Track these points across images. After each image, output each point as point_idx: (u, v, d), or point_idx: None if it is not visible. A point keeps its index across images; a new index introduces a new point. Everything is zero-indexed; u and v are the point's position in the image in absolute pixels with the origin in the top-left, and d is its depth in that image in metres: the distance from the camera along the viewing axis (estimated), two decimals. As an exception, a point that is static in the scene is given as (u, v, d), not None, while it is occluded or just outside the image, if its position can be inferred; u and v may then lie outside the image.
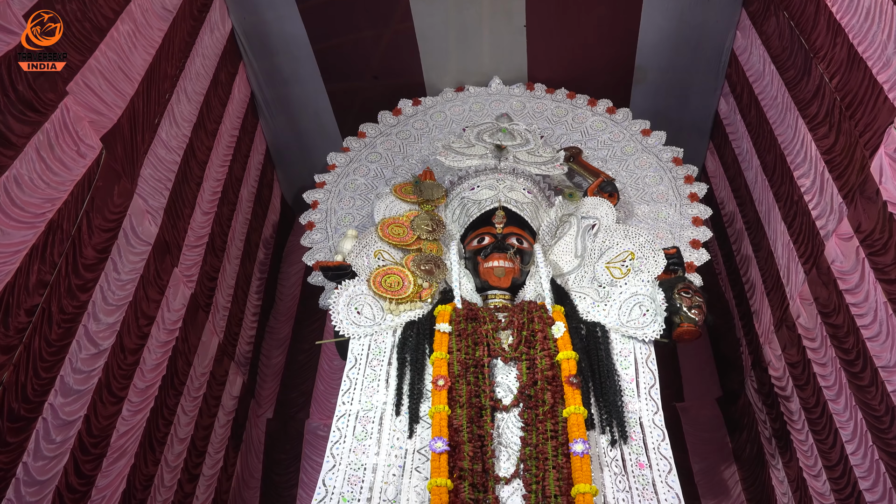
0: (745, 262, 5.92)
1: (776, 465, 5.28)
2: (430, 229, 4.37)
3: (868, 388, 3.93)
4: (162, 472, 4.59)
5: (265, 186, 6.86)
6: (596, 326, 3.84)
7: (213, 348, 5.36)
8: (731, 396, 6.10)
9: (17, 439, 3.22)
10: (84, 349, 3.72)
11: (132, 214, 4.16)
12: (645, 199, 5.08)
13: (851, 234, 4.00)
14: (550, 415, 3.39)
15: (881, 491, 3.90)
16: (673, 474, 3.34)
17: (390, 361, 3.77)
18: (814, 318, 4.55)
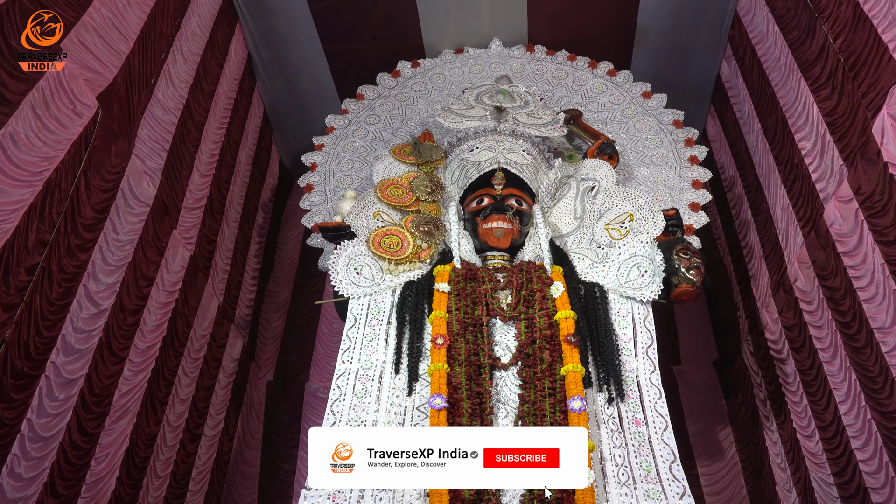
0: (744, 226, 5.93)
1: (770, 426, 5.36)
2: (430, 191, 4.36)
3: (863, 349, 3.97)
4: (164, 431, 4.66)
5: (263, 150, 6.82)
6: (594, 287, 3.86)
7: (212, 311, 5.39)
8: (727, 360, 6.15)
9: (20, 396, 3.26)
10: (85, 309, 3.74)
11: (130, 175, 4.14)
12: (645, 162, 5.06)
13: (851, 196, 4.00)
14: (548, 373, 3.43)
15: (872, 449, 3.97)
16: (668, 431, 3.39)
17: (389, 321, 3.80)
18: (811, 281, 4.57)
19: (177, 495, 4.85)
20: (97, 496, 3.90)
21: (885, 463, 3.85)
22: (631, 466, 3.27)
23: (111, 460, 4.03)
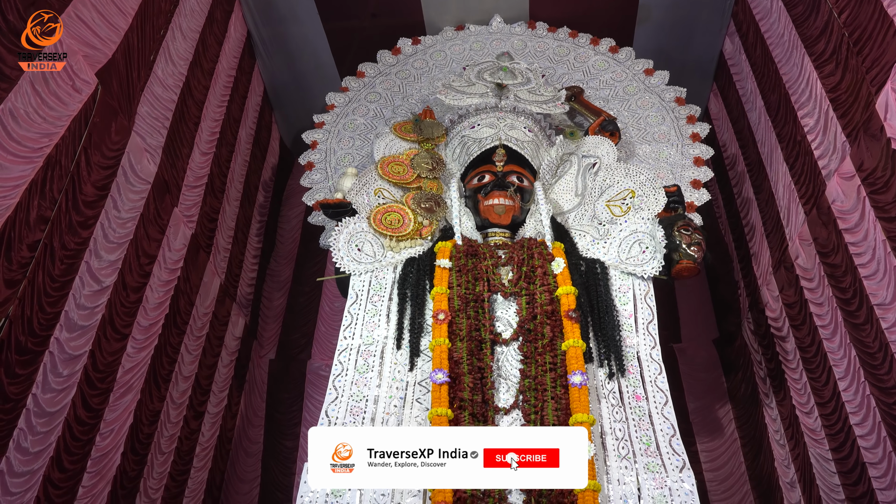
0: (746, 204, 5.92)
1: (769, 403, 5.39)
2: (431, 167, 4.35)
3: (863, 325, 3.99)
4: (168, 408, 4.70)
5: (263, 128, 6.80)
6: (595, 263, 3.86)
7: (214, 289, 5.40)
8: (727, 338, 6.18)
9: (25, 371, 3.29)
10: (87, 286, 3.76)
11: (130, 152, 4.14)
12: (646, 139, 5.04)
13: (853, 172, 3.99)
14: (549, 348, 3.45)
15: (870, 425, 4.00)
16: (669, 406, 3.42)
17: (391, 297, 3.81)
18: (812, 259, 4.58)
19: (181, 471, 4.90)
20: (103, 471, 3.94)
21: (882, 438, 3.88)
22: (631, 440, 3.29)
23: (116, 436, 4.07)
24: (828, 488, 4.51)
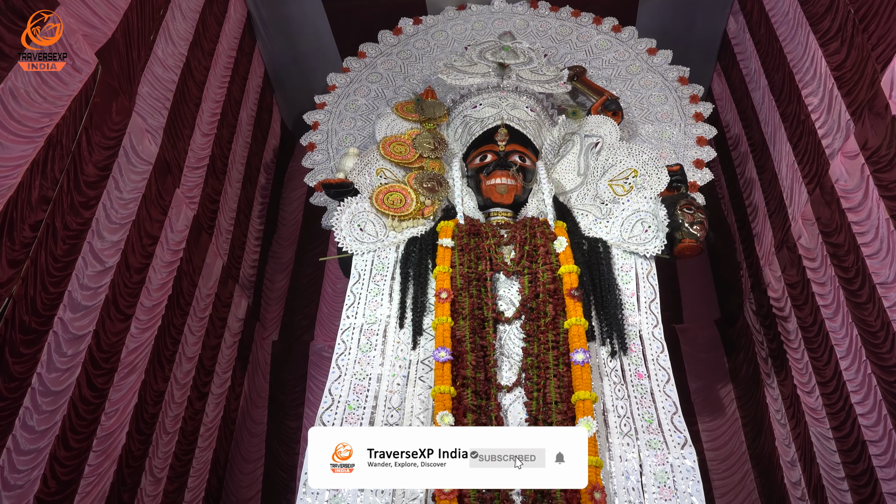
0: (749, 184, 5.90)
1: (771, 383, 5.41)
2: (433, 147, 4.33)
3: (865, 304, 3.99)
4: (172, 388, 4.72)
5: (264, 110, 6.77)
6: (598, 242, 3.85)
7: (217, 270, 5.41)
8: (729, 318, 6.19)
9: (30, 351, 3.31)
10: (90, 266, 3.76)
11: (131, 133, 4.12)
12: (649, 119, 5.01)
13: (857, 151, 3.97)
14: (552, 326, 3.45)
15: (871, 403, 4.01)
16: (671, 384, 3.42)
17: (393, 276, 3.81)
18: (815, 238, 4.57)
19: (186, 451, 4.94)
20: (108, 450, 3.97)
21: (883, 416, 3.89)
22: (633, 417, 3.30)
23: (121, 415, 4.10)
24: (828, 466, 4.54)
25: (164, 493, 4.62)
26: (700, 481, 3.12)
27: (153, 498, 4.50)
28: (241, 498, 5.65)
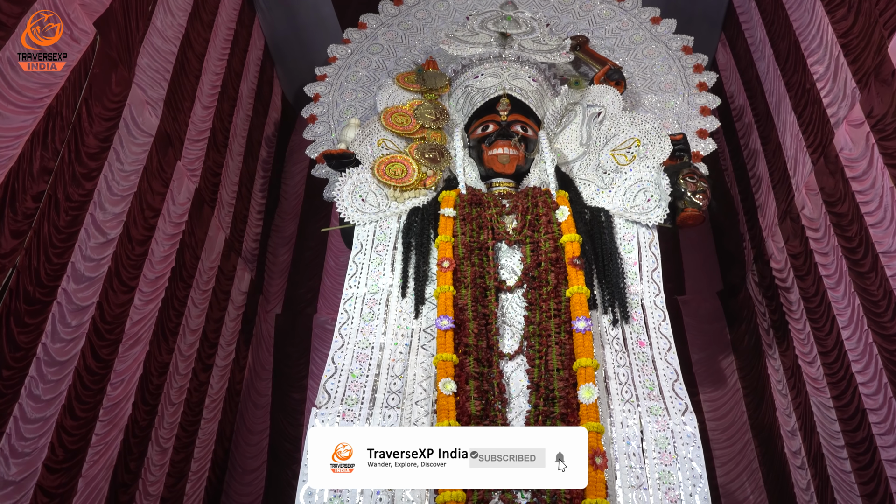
0: (753, 156, 5.86)
1: (773, 354, 5.43)
2: (434, 118, 4.31)
3: (868, 274, 3.98)
4: (176, 360, 4.76)
5: (265, 83, 6.72)
6: (600, 211, 3.85)
7: (219, 243, 5.42)
8: (731, 290, 6.19)
9: (34, 321, 3.33)
10: (93, 237, 3.77)
11: (132, 104, 4.10)
12: (652, 89, 4.97)
13: (862, 119, 3.94)
14: (554, 295, 3.46)
15: (872, 372, 4.03)
16: (672, 352, 3.44)
17: (395, 246, 3.81)
18: (818, 209, 4.55)
19: (191, 422, 4.99)
20: (115, 419, 4.02)
21: (883, 384, 3.91)
22: (634, 385, 3.33)
23: (126, 386, 4.14)
24: (828, 435, 4.58)
25: (170, 462, 4.67)
26: (700, 447, 3.16)
27: (160, 467, 4.55)
28: (247, 468, 5.72)
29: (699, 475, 3.08)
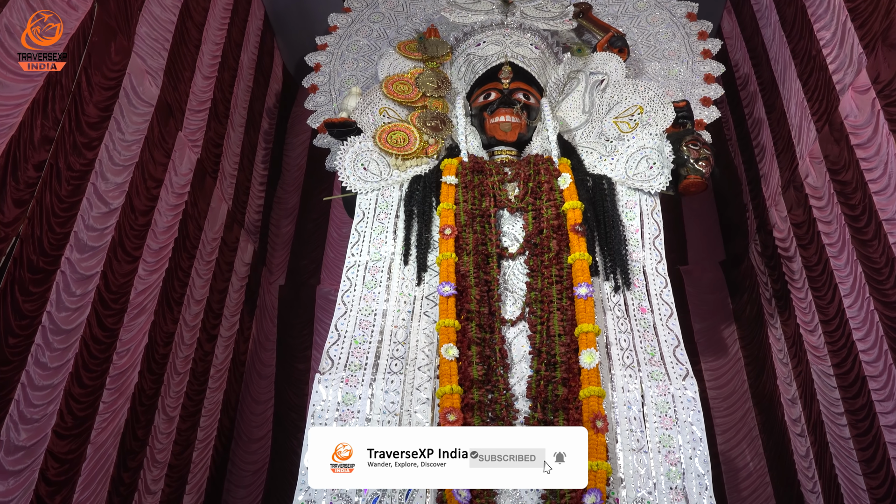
0: (757, 125, 5.82)
1: (774, 323, 5.45)
2: (436, 86, 4.28)
3: (871, 241, 3.98)
4: (181, 330, 4.79)
5: (266, 54, 6.67)
6: (602, 179, 3.84)
7: (222, 215, 5.43)
8: (734, 260, 6.19)
9: (39, 290, 3.36)
10: (95, 207, 3.78)
11: (132, 73, 4.08)
12: (656, 57, 4.92)
13: (869, 85, 3.90)
14: (555, 261, 3.47)
15: (873, 339, 4.04)
16: (674, 318, 3.46)
17: (398, 214, 3.82)
18: (822, 177, 4.53)
19: (197, 391, 5.04)
20: (121, 388, 4.06)
21: (884, 351, 3.93)
22: (635, 350, 3.35)
23: (132, 355, 4.17)
24: (828, 402, 4.61)
25: (177, 431, 4.73)
26: (700, 411, 3.19)
27: (167, 435, 4.62)
28: (253, 437, 5.79)
29: (699, 439, 3.11)
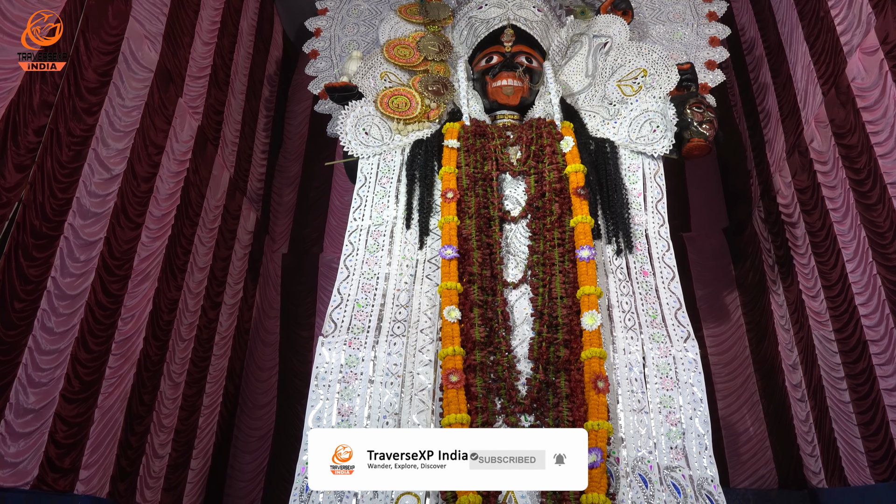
0: (762, 89, 5.75)
1: (776, 290, 5.45)
2: (438, 50, 4.23)
3: (875, 206, 3.96)
4: (185, 297, 4.81)
5: (265, 20, 6.58)
6: (605, 142, 3.82)
7: (224, 182, 5.41)
8: (737, 227, 6.17)
9: (43, 255, 3.37)
10: (97, 173, 3.78)
11: (130, 38, 4.04)
12: (660, 20, 4.85)
13: (877, 46, 3.84)
14: (558, 224, 3.47)
15: (874, 304, 4.04)
16: (675, 281, 3.46)
17: (399, 178, 3.82)
18: (828, 141, 4.49)
19: (202, 358, 5.08)
20: (127, 353, 4.10)
21: (885, 315, 3.93)
22: (637, 313, 3.36)
23: (137, 321, 4.20)
24: (829, 367, 4.63)
25: (183, 396, 4.78)
26: (701, 372, 3.21)
27: (173, 401, 4.67)
28: (258, 403, 5.85)
29: (699, 399, 3.14)
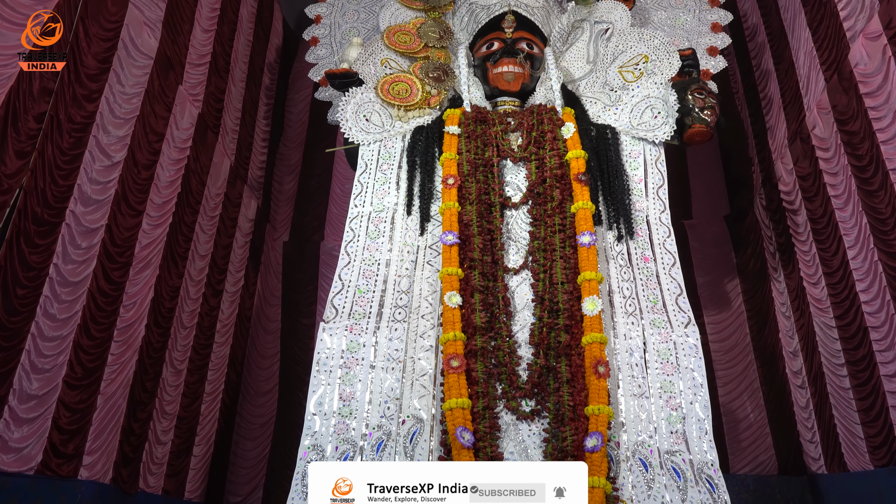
0: (765, 76, 5.73)
1: (778, 277, 5.45)
2: (438, 36, 4.21)
3: (877, 192, 3.95)
4: (187, 284, 4.82)
5: (265, 8, 6.55)
6: (606, 129, 3.81)
7: (225, 170, 5.41)
8: (739, 215, 6.16)
9: (44, 241, 3.37)
10: (98, 160, 3.78)
11: (129, 25, 4.03)
12: (662, 6, 4.82)
13: (880, 31, 3.82)
14: (559, 210, 3.46)
15: (875, 290, 4.05)
16: (676, 267, 3.46)
17: (400, 165, 3.81)
18: (830, 127, 4.48)
19: (204, 345, 5.10)
20: (129, 340, 4.11)
21: (886, 302, 3.94)
22: (638, 298, 3.36)
23: (139, 308, 4.21)
24: (829, 354, 4.64)
25: (185, 383, 4.80)
26: (701, 357, 3.21)
27: (175, 388, 4.69)
28: (260, 390, 5.88)
29: (700, 384, 3.14)
